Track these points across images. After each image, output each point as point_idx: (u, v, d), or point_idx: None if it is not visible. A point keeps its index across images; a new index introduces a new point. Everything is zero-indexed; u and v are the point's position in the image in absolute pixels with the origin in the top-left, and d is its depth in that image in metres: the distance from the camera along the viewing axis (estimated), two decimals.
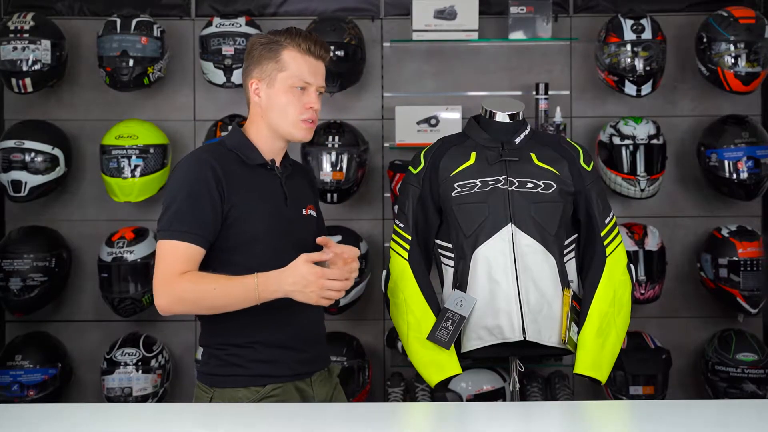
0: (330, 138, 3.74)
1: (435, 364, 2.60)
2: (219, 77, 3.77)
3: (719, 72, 3.71)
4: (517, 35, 3.82)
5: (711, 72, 3.74)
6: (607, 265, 2.63)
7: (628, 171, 3.74)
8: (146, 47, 3.73)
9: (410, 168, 2.71)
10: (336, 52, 3.68)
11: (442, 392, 3.59)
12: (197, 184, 2.21)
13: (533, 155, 2.64)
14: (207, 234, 2.20)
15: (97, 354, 3.86)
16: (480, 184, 2.60)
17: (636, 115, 3.84)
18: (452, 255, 2.64)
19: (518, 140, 2.67)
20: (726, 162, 3.76)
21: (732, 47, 3.69)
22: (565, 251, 2.65)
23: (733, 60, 3.69)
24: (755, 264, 3.72)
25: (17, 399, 3.68)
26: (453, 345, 2.56)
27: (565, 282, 2.61)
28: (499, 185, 2.59)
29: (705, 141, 3.85)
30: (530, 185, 2.59)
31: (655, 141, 3.76)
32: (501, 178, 2.60)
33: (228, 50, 3.74)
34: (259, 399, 2.23)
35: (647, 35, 3.70)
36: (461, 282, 2.59)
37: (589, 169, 2.68)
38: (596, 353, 2.58)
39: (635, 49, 3.69)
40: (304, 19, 3.87)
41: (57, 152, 3.80)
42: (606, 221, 2.66)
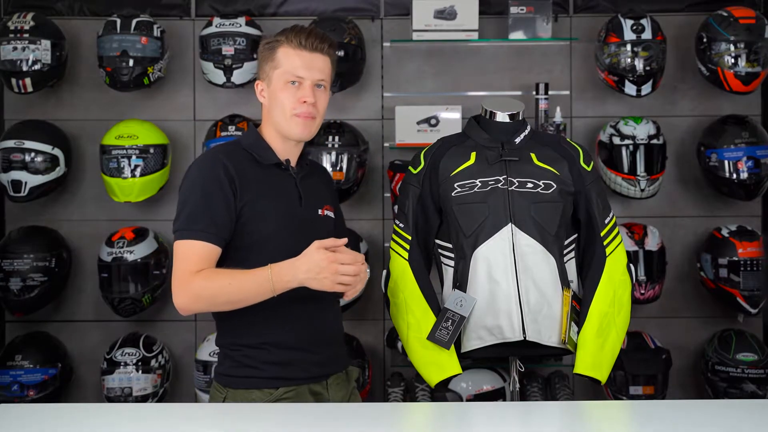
0: (330, 138, 3.74)
1: (435, 364, 2.60)
2: (219, 77, 3.77)
3: (719, 72, 3.71)
4: (517, 35, 3.82)
5: (711, 72, 3.74)
6: (607, 265, 2.63)
7: (628, 171, 3.74)
8: (146, 47, 3.73)
9: (410, 168, 2.71)
10: (336, 52, 3.67)
11: (442, 392, 3.59)
12: (210, 183, 2.21)
13: (533, 155, 2.64)
14: (222, 232, 2.20)
15: (97, 354, 3.86)
16: (480, 184, 2.60)
17: (636, 115, 3.84)
18: (452, 255, 2.64)
19: (518, 140, 2.67)
20: (726, 162, 3.76)
21: (732, 47, 3.68)
22: (565, 251, 2.65)
23: (733, 60, 3.69)
24: (755, 264, 3.72)
25: (17, 399, 3.68)
26: (453, 345, 2.56)
27: (565, 282, 2.61)
28: (499, 185, 2.59)
29: (705, 141, 3.85)
30: (530, 185, 2.59)
31: (655, 141, 3.76)
32: (501, 178, 2.60)
33: (228, 50, 3.74)
34: (272, 401, 2.22)
35: (647, 35, 3.70)
36: (461, 282, 2.59)
37: (589, 169, 2.68)
38: (596, 353, 2.58)
39: (635, 49, 3.69)
40: (304, 19, 3.87)
41: (57, 152, 3.79)
42: (606, 221, 2.66)
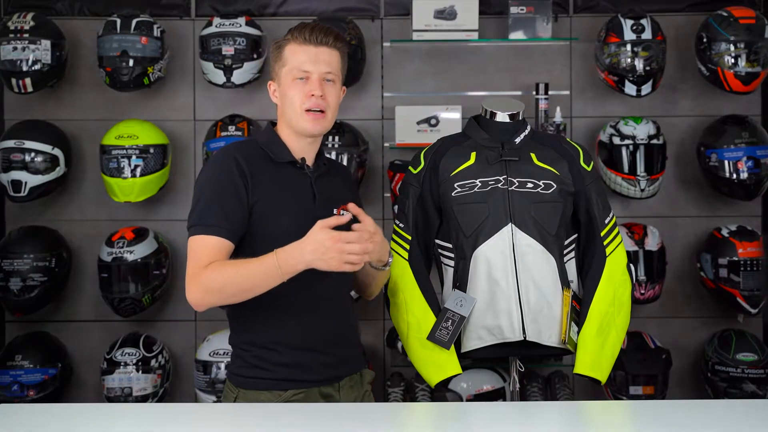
0: (330, 138, 3.74)
1: (435, 364, 2.60)
2: (219, 77, 3.76)
3: (719, 72, 3.71)
4: (517, 35, 3.81)
5: (711, 72, 3.74)
6: (607, 265, 2.63)
7: (628, 171, 3.73)
8: (146, 47, 3.73)
9: (410, 168, 2.71)
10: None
11: (442, 392, 3.59)
12: (222, 178, 2.21)
13: (533, 155, 2.64)
14: (235, 227, 2.19)
15: (97, 354, 3.86)
16: (480, 184, 2.59)
17: (636, 115, 3.84)
18: (452, 255, 2.64)
19: (518, 140, 2.67)
20: (726, 162, 3.76)
21: (732, 47, 3.68)
22: (565, 251, 2.65)
23: (733, 60, 3.69)
24: (755, 264, 3.72)
25: (17, 399, 3.68)
26: (453, 345, 2.56)
27: (565, 282, 2.61)
28: (499, 185, 2.59)
29: (705, 141, 3.85)
30: (530, 185, 2.59)
31: (655, 141, 3.76)
32: (501, 178, 2.60)
33: (228, 50, 3.74)
34: (281, 403, 2.21)
35: (647, 35, 3.70)
36: (461, 282, 2.59)
37: (589, 169, 2.68)
38: (596, 353, 2.58)
39: (635, 49, 3.69)
40: (304, 19, 3.86)
41: (57, 152, 3.79)
42: (606, 221, 2.66)
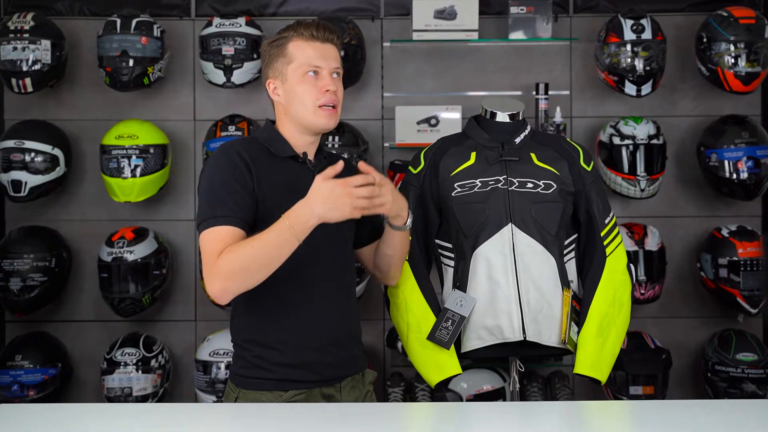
0: (330, 138, 3.74)
1: (435, 364, 2.60)
2: (219, 77, 3.77)
3: (719, 72, 3.71)
4: (517, 35, 3.82)
5: (711, 72, 3.74)
6: (607, 265, 2.63)
7: (628, 171, 3.74)
8: (146, 47, 3.73)
9: (410, 168, 2.71)
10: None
11: (442, 392, 3.59)
12: (228, 171, 2.21)
13: (533, 155, 2.64)
14: (246, 215, 2.18)
15: (97, 354, 3.86)
16: (480, 184, 2.59)
17: (636, 115, 3.84)
18: (452, 255, 2.64)
19: (518, 140, 2.66)
20: (726, 162, 3.76)
21: (732, 47, 3.69)
22: (565, 251, 2.65)
23: (733, 60, 3.69)
24: (755, 264, 3.72)
25: (17, 399, 3.68)
26: (453, 345, 2.56)
27: (565, 282, 2.61)
28: (499, 185, 2.59)
29: (705, 141, 3.85)
30: (530, 185, 2.59)
31: (655, 141, 3.76)
32: (501, 178, 2.59)
33: (228, 50, 3.74)
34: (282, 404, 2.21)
35: (647, 35, 3.70)
36: (461, 282, 2.59)
37: (589, 169, 2.67)
38: (596, 353, 2.58)
39: (635, 49, 3.69)
40: (304, 19, 3.86)
41: (57, 152, 3.79)
42: (606, 221, 2.66)
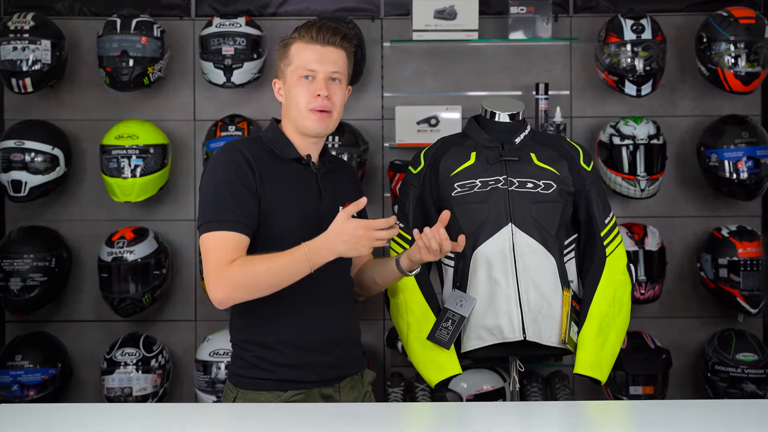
0: (330, 138, 3.73)
1: (435, 364, 2.60)
2: (219, 77, 3.76)
3: (719, 72, 3.71)
4: (517, 35, 3.82)
5: (711, 72, 3.74)
6: (607, 265, 2.63)
7: (628, 171, 3.73)
8: (146, 47, 3.73)
9: (410, 168, 2.71)
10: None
11: (442, 392, 3.59)
12: (231, 171, 2.21)
13: (533, 155, 2.64)
14: (249, 221, 2.19)
15: (97, 354, 3.86)
16: (480, 184, 2.59)
17: (636, 115, 3.84)
18: (452, 255, 2.64)
19: (518, 140, 2.66)
20: (726, 162, 3.76)
21: (732, 47, 3.68)
22: (565, 251, 2.65)
23: (733, 60, 3.69)
24: (755, 264, 3.72)
25: (17, 399, 3.68)
26: (453, 345, 2.56)
27: (565, 282, 2.61)
28: (499, 185, 2.59)
29: (705, 141, 3.85)
30: (530, 185, 2.59)
31: (655, 141, 3.76)
32: (501, 178, 2.59)
33: (228, 50, 3.74)
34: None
35: (647, 35, 3.70)
36: (461, 282, 2.59)
37: (589, 169, 2.68)
38: (596, 353, 2.58)
39: (635, 49, 3.69)
40: (304, 19, 3.83)
41: (57, 152, 3.79)
42: (606, 221, 2.66)
